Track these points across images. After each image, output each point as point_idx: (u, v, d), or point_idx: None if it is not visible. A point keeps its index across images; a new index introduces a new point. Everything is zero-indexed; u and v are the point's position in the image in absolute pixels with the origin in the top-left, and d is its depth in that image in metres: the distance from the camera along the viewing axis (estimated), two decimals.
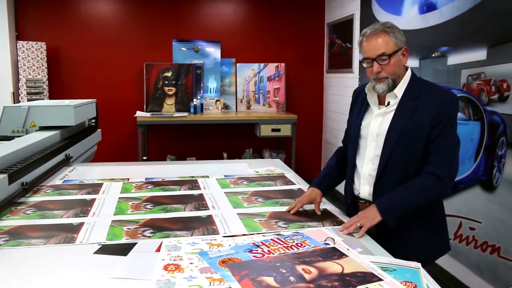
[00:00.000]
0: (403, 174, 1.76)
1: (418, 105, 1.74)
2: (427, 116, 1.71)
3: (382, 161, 1.79)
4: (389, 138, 1.78)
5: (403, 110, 1.77)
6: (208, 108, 5.39)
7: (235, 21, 5.67)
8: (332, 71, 5.56)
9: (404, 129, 1.74)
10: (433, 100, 1.73)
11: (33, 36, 5.18)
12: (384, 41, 1.74)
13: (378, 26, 1.77)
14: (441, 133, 1.71)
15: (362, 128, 1.90)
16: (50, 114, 2.92)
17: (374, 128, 1.84)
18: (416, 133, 1.73)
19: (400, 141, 1.75)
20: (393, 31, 1.75)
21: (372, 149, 1.85)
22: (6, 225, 1.72)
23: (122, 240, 1.58)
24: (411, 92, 1.78)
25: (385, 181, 1.80)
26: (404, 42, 1.77)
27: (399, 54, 1.76)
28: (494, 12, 2.61)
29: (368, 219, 1.69)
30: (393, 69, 1.76)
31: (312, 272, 1.33)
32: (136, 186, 2.31)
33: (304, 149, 5.89)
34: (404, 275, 1.33)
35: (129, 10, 5.44)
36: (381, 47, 1.74)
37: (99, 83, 5.42)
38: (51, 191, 2.20)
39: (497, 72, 2.60)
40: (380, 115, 1.84)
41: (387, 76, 1.77)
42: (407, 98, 1.77)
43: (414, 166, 1.75)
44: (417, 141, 1.73)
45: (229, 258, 1.42)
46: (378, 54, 1.74)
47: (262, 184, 2.38)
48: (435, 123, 1.71)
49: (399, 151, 1.76)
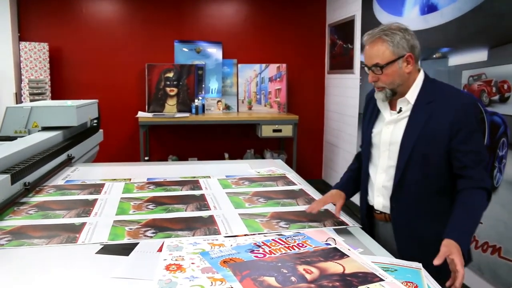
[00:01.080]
0: (420, 185, 1.66)
1: (434, 110, 1.62)
2: (445, 122, 1.59)
3: (398, 173, 1.69)
4: (404, 147, 1.67)
5: (417, 117, 1.65)
6: (209, 108, 5.40)
7: (237, 22, 5.67)
8: (333, 72, 5.56)
9: (420, 137, 1.63)
10: (450, 105, 1.61)
11: (36, 37, 5.20)
12: (379, 50, 1.63)
13: (376, 32, 1.66)
14: (466, 141, 1.59)
15: (374, 136, 1.80)
16: (53, 114, 2.92)
17: (386, 137, 1.73)
18: (433, 141, 1.62)
19: (416, 150, 1.64)
20: (393, 38, 1.62)
21: (385, 159, 1.74)
22: (8, 225, 1.73)
23: (124, 240, 1.59)
24: (425, 96, 1.66)
25: (403, 194, 1.70)
26: (411, 47, 1.64)
27: (399, 62, 1.64)
28: (495, 13, 2.62)
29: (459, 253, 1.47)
30: (389, 79, 1.65)
31: (313, 272, 1.33)
32: (138, 186, 2.31)
33: (305, 150, 5.89)
34: (405, 276, 1.33)
35: (131, 11, 5.45)
36: (375, 57, 1.64)
37: (101, 83, 5.43)
38: (53, 191, 2.20)
39: (498, 73, 2.61)
40: (392, 122, 1.73)
41: (383, 86, 1.67)
42: (421, 103, 1.66)
43: (433, 176, 1.65)
44: (434, 150, 1.62)
45: (230, 258, 1.42)
46: (372, 64, 1.66)
47: (264, 184, 2.38)
48: (455, 130, 1.59)
49: (416, 161, 1.65)
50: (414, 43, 1.66)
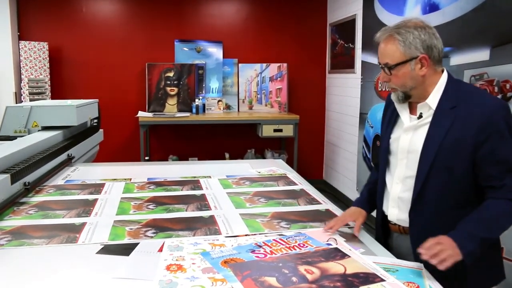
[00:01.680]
0: (442, 198, 1.52)
1: (457, 116, 1.47)
2: (470, 129, 1.45)
3: (418, 184, 1.54)
4: (425, 156, 1.52)
5: (439, 123, 1.50)
6: (210, 108, 5.39)
7: (237, 21, 5.67)
8: (335, 71, 5.56)
9: (442, 146, 1.48)
10: (476, 109, 1.45)
11: (36, 36, 5.19)
12: (390, 50, 1.52)
13: (389, 29, 1.54)
14: (495, 149, 1.44)
15: (391, 142, 1.67)
16: (52, 114, 2.92)
17: (405, 144, 1.60)
18: (456, 150, 1.47)
19: (437, 160, 1.49)
20: (405, 37, 1.49)
21: (403, 169, 1.61)
22: (8, 225, 1.72)
23: (124, 240, 1.58)
24: (448, 101, 1.51)
25: (422, 207, 1.55)
26: (427, 47, 1.49)
27: (412, 64, 1.50)
28: (497, 12, 2.61)
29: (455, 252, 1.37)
30: (400, 81, 1.53)
31: (315, 272, 1.32)
32: (138, 186, 2.31)
33: (306, 150, 5.88)
34: (407, 276, 1.33)
35: (131, 10, 5.45)
36: (386, 56, 1.53)
37: (101, 83, 5.43)
38: (53, 191, 2.20)
39: (500, 72, 2.60)
40: (411, 129, 1.59)
41: (394, 87, 1.56)
42: (443, 108, 1.51)
43: (456, 189, 1.51)
44: (458, 159, 1.48)
45: (231, 258, 1.41)
46: (382, 63, 1.55)
47: (264, 184, 2.38)
48: (482, 138, 1.44)
49: (438, 172, 1.50)
50: (432, 43, 1.50)
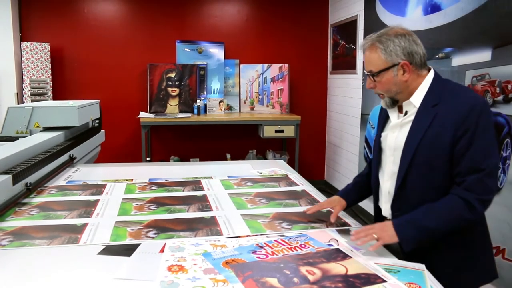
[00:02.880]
0: (423, 193, 1.57)
1: (438, 113, 1.53)
2: (449, 126, 1.49)
3: (399, 179, 1.61)
4: (406, 152, 1.58)
5: (420, 121, 1.56)
6: (211, 109, 5.39)
7: (239, 22, 5.67)
8: (336, 72, 5.56)
9: (422, 142, 1.54)
10: (454, 106, 1.51)
11: (37, 37, 5.20)
12: (373, 58, 1.58)
13: (371, 38, 1.60)
14: (469, 145, 1.47)
15: (382, 140, 1.74)
16: (54, 115, 2.92)
17: (391, 141, 1.67)
18: (435, 146, 1.52)
19: (418, 156, 1.55)
20: (387, 44, 1.55)
21: (390, 165, 1.67)
22: (10, 225, 1.72)
23: (125, 241, 1.58)
24: (431, 98, 1.56)
25: (404, 201, 1.62)
26: (407, 54, 1.56)
27: (394, 70, 1.56)
28: (498, 13, 2.61)
29: (388, 234, 1.50)
30: (384, 87, 1.60)
31: (316, 273, 1.32)
32: (139, 187, 2.31)
33: (307, 150, 5.88)
34: (408, 277, 1.33)
35: (132, 11, 5.45)
36: (369, 64, 1.60)
37: (102, 84, 5.43)
38: (55, 191, 2.20)
39: (502, 73, 2.60)
40: (397, 126, 1.66)
41: (381, 93, 1.63)
42: (426, 106, 1.56)
43: (437, 183, 1.55)
44: (437, 155, 1.52)
45: (232, 259, 1.41)
46: (368, 71, 1.62)
47: (266, 185, 2.37)
48: (459, 134, 1.48)
49: (418, 167, 1.56)
50: (413, 49, 1.57)
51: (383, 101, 1.67)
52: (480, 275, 1.65)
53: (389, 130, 1.69)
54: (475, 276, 1.63)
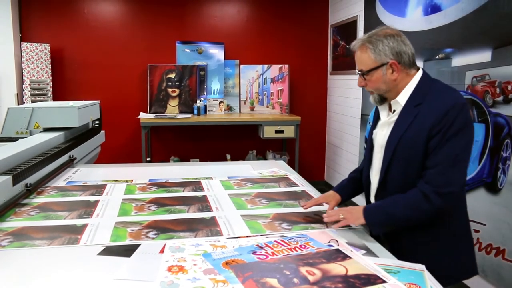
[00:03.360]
0: (402, 186, 1.64)
1: (419, 113, 1.60)
2: (426, 125, 1.57)
3: (382, 174, 1.71)
4: (388, 149, 1.68)
5: (403, 119, 1.65)
6: (211, 109, 5.40)
7: (239, 23, 5.67)
8: (336, 72, 5.56)
9: (402, 140, 1.63)
10: (433, 107, 1.57)
11: (37, 37, 5.21)
12: (363, 58, 1.67)
13: (361, 39, 1.68)
14: (438, 144, 1.55)
15: (373, 138, 1.83)
16: (54, 115, 2.92)
17: (380, 139, 1.75)
18: (413, 144, 1.60)
19: (397, 153, 1.64)
20: (376, 45, 1.63)
21: (378, 161, 1.76)
22: (10, 226, 1.72)
23: (125, 242, 1.58)
24: (415, 98, 1.64)
25: (386, 194, 1.71)
26: (396, 54, 1.62)
27: (383, 69, 1.64)
28: (498, 13, 2.61)
29: (353, 217, 1.65)
30: (374, 85, 1.68)
31: (316, 274, 1.32)
32: (139, 187, 2.31)
33: (307, 151, 5.89)
34: (408, 277, 1.32)
35: (132, 11, 5.46)
36: (360, 63, 1.69)
37: (102, 84, 5.44)
38: (55, 192, 2.20)
39: (502, 73, 2.60)
40: (385, 124, 1.74)
41: (371, 90, 1.73)
42: (410, 105, 1.64)
43: (414, 178, 1.62)
44: (415, 153, 1.60)
45: (232, 259, 1.41)
46: (358, 70, 1.71)
47: (266, 185, 2.37)
48: (434, 132, 1.55)
49: (397, 163, 1.65)
50: (401, 49, 1.64)
51: (371, 98, 1.78)
52: (460, 269, 1.73)
53: (379, 127, 1.79)
54: (456, 270, 1.71)
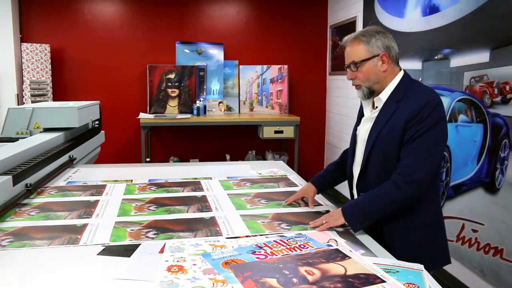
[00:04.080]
0: (381, 178, 1.74)
1: (398, 108, 1.71)
2: (402, 118, 1.68)
3: (362, 165, 1.82)
4: (368, 142, 1.79)
5: (383, 114, 1.76)
6: (211, 110, 5.40)
7: (238, 23, 5.68)
8: (335, 73, 5.56)
9: (380, 133, 1.74)
10: (411, 102, 1.69)
11: (37, 38, 5.21)
12: (355, 50, 1.76)
13: (354, 34, 1.79)
14: (412, 136, 1.66)
15: (357, 133, 1.93)
16: (54, 115, 2.93)
17: (363, 133, 1.86)
18: (390, 137, 1.71)
19: (376, 146, 1.75)
20: (369, 38, 1.74)
21: (360, 155, 1.86)
22: (10, 226, 1.73)
23: (125, 241, 1.59)
24: (396, 95, 1.75)
25: (365, 185, 1.83)
26: (387, 47, 1.74)
27: (374, 61, 1.74)
28: (497, 14, 2.62)
29: (333, 218, 1.72)
30: (364, 76, 1.76)
31: (315, 273, 1.33)
32: (139, 187, 2.32)
33: (307, 151, 5.89)
34: (407, 277, 1.33)
35: (132, 12, 5.46)
36: (351, 55, 1.77)
37: (102, 85, 5.44)
38: (55, 192, 2.21)
39: (500, 74, 2.60)
40: (369, 120, 1.85)
41: (359, 83, 1.79)
42: (391, 101, 1.75)
43: (390, 170, 1.72)
44: (391, 145, 1.71)
45: (232, 259, 1.42)
46: (349, 62, 1.78)
47: (265, 186, 2.38)
48: (409, 126, 1.66)
49: (376, 155, 1.76)
50: (390, 44, 1.76)
51: (359, 92, 1.83)
52: (435, 257, 1.80)
53: (362, 123, 1.89)
54: (431, 258, 1.76)
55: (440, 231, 1.83)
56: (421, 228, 1.77)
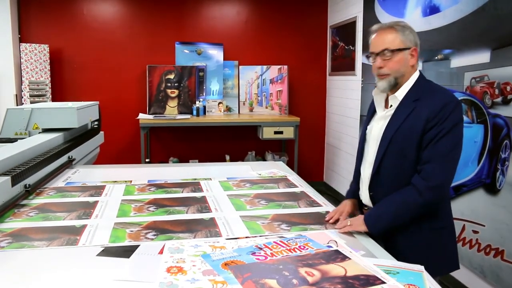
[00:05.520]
0: (396, 178, 1.72)
1: (416, 107, 1.68)
2: (422, 118, 1.65)
3: (376, 164, 1.77)
4: (383, 140, 1.75)
5: (400, 113, 1.72)
6: (210, 110, 5.40)
7: (238, 24, 5.67)
8: (335, 73, 5.56)
9: (397, 132, 1.70)
10: (430, 102, 1.66)
11: (36, 38, 5.20)
12: (391, 37, 1.70)
13: (389, 23, 1.75)
14: (434, 138, 1.63)
15: (367, 132, 1.88)
16: (53, 116, 2.92)
17: (376, 132, 1.81)
18: (408, 136, 1.67)
19: (392, 144, 1.71)
20: (403, 30, 1.71)
21: (372, 154, 1.81)
22: (9, 227, 1.72)
23: (125, 243, 1.58)
24: (413, 94, 1.72)
25: (379, 185, 1.78)
26: (416, 43, 1.74)
27: (406, 53, 1.71)
28: (497, 14, 2.61)
29: (358, 223, 1.72)
30: (396, 66, 1.71)
31: (315, 274, 1.32)
32: (138, 188, 2.31)
33: (306, 152, 5.88)
34: (407, 278, 1.33)
35: (132, 12, 5.45)
36: (386, 43, 1.70)
37: (102, 85, 5.43)
38: (54, 193, 2.20)
39: (501, 74, 2.60)
40: (382, 118, 1.80)
41: (388, 73, 1.72)
42: (407, 100, 1.72)
43: (408, 170, 1.70)
44: (409, 145, 1.68)
45: (232, 260, 1.41)
46: (382, 49, 1.71)
47: (265, 186, 2.37)
48: (428, 126, 1.64)
49: (391, 154, 1.72)
50: (417, 41, 1.75)
51: (385, 81, 1.74)
52: (445, 263, 1.78)
53: (375, 122, 1.84)
54: (441, 264, 1.75)
55: (450, 236, 1.80)
56: (431, 231, 1.73)
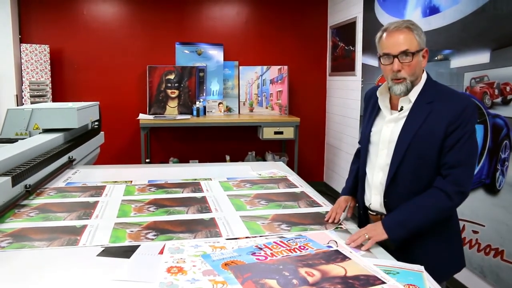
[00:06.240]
0: (414, 183, 1.66)
1: (432, 110, 1.62)
2: (442, 122, 1.59)
3: (392, 169, 1.68)
4: (400, 144, 1.66)
5: (416, 115, 1.65)
6: (210, 110, 5.40)
7: (238, 24, 5.67)
8: (335, 74, 5.56)
9: (416, 135, 1.63)
10: (449, 105, 1.60)
11: (37, 39, 5.20)
12: (408, 38, 1.61)
13: (402, 22, 1.64)
14: (457, 142, 1.58)
15: (373, 134, 1.80)
16: (54, 116, 2.93)
17: (386, 135, 1.73)
18: (428, 140, 1.61)
19: (411, 148, 1.64)
20: (417, 30, 1.64)
21: (384, 157, 1.73)
22: (9, 227, 1.72)
23: (125, 243, 1.58)
24: (426, 96, 1.66)
25: (396, 191, 1.70)
26: (425, 44, 1.67)
27: (420, 55, 1.64)
28: (497, 15, 2.61)
29: (378, 233, 1.61)
30: (413, 69, 1.63)
31: (315, 275, 1.32)
32: (139, 188, 2.31)
33: (307, 152, 5.88)
34: (407, 278, 1.33)
35: (132, 13, 5.46)
36: (405, 44, 1.61)
37: (102, 85, 5.43)
38: (54, 193, 2.20)
39: (500, 75, 2.60)
40: (393, 121, 1.72)
41: (405, 76, 1.63)
42: (421, 102, 1.65)
43: (426, 175, 1.65)
44: (429, 149, 1.62)
45: (232, 260, 1.42)
46: (401, 51, 1.61)
47: (265, 186, 2.38)
48: (450, 130, 1.58)
49: (410, 158, 1.65)
50: None
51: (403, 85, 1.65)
52: (452, 264, 1.75)
53: (384, 124, 1.75)
54: (449, 265, 1.73)
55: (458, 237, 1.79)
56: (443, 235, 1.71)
